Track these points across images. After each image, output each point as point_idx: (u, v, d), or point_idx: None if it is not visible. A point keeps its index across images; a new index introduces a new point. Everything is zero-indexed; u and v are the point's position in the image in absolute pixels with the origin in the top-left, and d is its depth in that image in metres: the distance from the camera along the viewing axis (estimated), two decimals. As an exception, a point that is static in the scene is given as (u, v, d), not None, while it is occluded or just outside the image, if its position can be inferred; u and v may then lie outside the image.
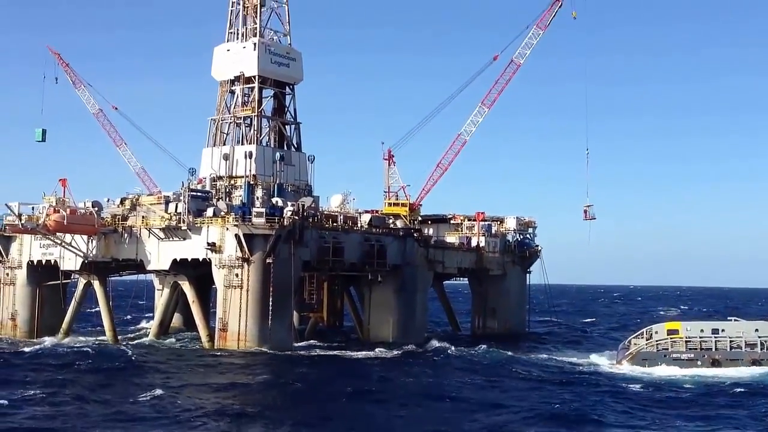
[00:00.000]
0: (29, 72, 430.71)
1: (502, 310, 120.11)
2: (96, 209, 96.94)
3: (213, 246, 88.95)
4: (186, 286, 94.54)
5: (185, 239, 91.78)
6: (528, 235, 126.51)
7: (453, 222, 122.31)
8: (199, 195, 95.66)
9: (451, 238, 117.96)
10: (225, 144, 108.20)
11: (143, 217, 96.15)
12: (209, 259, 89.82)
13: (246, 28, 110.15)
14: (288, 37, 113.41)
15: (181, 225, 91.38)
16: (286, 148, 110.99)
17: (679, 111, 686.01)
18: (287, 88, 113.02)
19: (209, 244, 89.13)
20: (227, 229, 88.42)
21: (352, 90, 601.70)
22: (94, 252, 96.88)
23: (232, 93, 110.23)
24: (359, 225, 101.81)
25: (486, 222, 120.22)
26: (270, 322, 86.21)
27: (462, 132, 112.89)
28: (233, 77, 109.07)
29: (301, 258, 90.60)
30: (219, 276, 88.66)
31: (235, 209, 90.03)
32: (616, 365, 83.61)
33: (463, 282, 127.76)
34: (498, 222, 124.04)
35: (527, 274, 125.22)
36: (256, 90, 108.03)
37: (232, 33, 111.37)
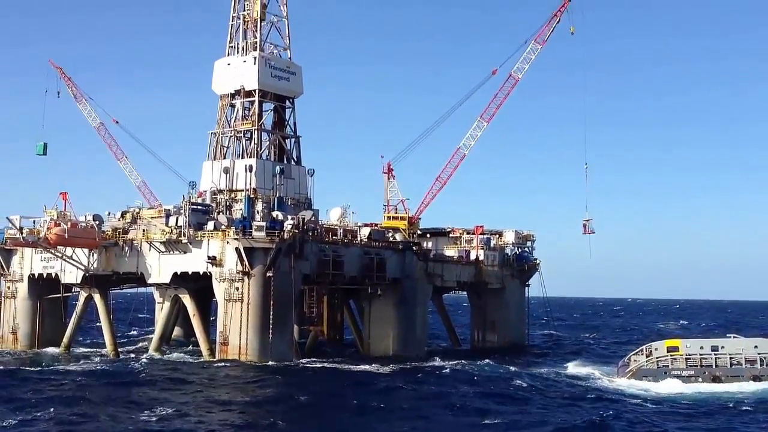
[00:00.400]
0: (31, 85, 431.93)
1: (501, 323, 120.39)
2: (97, 223, 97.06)
3: (213, 259, 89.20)
4: (186, 299, 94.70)
5: (186, 253, 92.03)
6: (527, 249, 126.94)
7: (452, 235, 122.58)
8: (200, 208, 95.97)
9: (450, 251, 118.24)
10: (225, 157, 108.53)
11: (144, 231, 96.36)
12: (210, 273, 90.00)
13: (246, 42, 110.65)
14: (288, 51, 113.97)
15: (182, 238, 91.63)
16: (286, 161, 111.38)
17: (678, 123, 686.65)
18: (287, 101, 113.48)
19: (210, 257, 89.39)
20: (228, 243, 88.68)
21: (351, 104, 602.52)
22: (94, 265, 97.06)
23: (232, 107, 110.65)
24: (359, 238, 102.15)
25: (485, 235, 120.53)
26: (271, 335, 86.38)
27: (461, 146, 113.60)
28: (233, 91, 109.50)
29: (302, 271, 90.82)
30: (219, 289, 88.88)
31: (236, 223, 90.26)
32: (616, 380, 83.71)
33: (464, 295, 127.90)
34: (497, 235, 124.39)
35: (526, 287, 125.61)
36: (256, 104, 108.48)
37: (232, 47, 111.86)
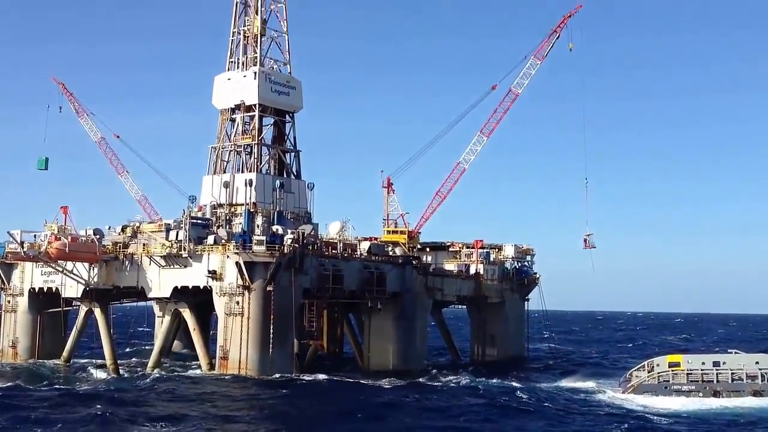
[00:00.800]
0: (32, 100, 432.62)
1: (501, 337, 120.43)
2: (97, 237, 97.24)
3: (214, 274, 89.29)
4: (187, 313, 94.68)
5: (186, 267, 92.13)
6: (526, 263, 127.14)
7: (451, 249, 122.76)
8: (200, 222, 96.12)
9: (450, 265, 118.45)
10: (225, 172, 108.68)
11: (144, 245, 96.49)
12: (210, 287, 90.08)
13: (246, 57, 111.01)
14: (288, 66, 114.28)
15: (182, 253, 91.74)
16: (285, 175, 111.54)
17: (678, 139, 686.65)
18: (287, 116, 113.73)
19: (210, 271, 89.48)
20: (228, 257, 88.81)
21: (351, 118, 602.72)
22: (95, 279, 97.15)
23: (232, 121, 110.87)
24: (359, 253, 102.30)
25: (484, 249, 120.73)
26: (271, 349, 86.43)
27: (461, 160, 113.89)
28: (234, 106, 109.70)
29: (302, 285, 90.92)
30: (220, 304, 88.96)
31: (236, 237, 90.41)
32: (617, 395, 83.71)
33: (464, 308, 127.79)
34: (496, 249, 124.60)
35: (526, 301, 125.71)
36: (256, 118, 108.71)
37: (232, 62, 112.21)
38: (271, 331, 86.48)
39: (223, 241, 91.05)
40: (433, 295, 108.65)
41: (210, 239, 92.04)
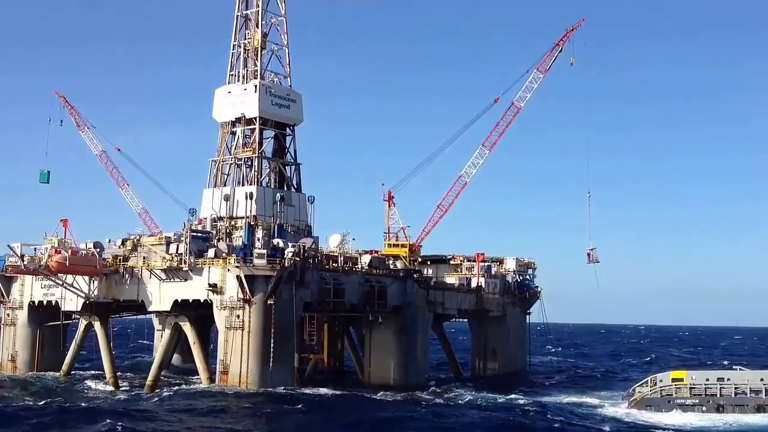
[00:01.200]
0: (33, 113, 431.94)
1: (502, 351, 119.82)
2: (97, 250, 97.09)
3: (214, 287, 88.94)
4: (187, 327, 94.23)
5: (186, 280, 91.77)
6: (527, 276, 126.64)
7: (452, 263, 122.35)
8: (200, 236, 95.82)
9: (451, 278, 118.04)
10: (226, 185, 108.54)
11: (144, 258, 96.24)
12: (210, 301, 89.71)
13: (247, 70, 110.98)
14: (288, 79, 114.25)
15: (183, 266, 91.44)
16: (286, 188, 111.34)
17: (678, 156, 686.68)
18: (287, 129, 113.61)
19: (210, 285, 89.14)
20: (228, 271, 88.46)
21: (352, 131, 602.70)
22: (95, 293, 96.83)
23: (232, 134, 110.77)
24: (359, 266, 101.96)
25: (485, 263, 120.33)
26: (271, 364, 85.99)
27: (462, 174, 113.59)
28: (234, 119, 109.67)
29: (302, 299, 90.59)
30: (220, 317, 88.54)
31: (237, 250, 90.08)
32: (619, 410, 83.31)
33: (465, 322, 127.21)
34: (497, 263, 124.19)
35: (527, 315, 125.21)
36: (256, 131, 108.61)
37: (233, 75, 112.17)
38: (272, 345, 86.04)
39: (224, 255, 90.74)
40: (434, 309, 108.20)
41: (210, 252, 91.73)
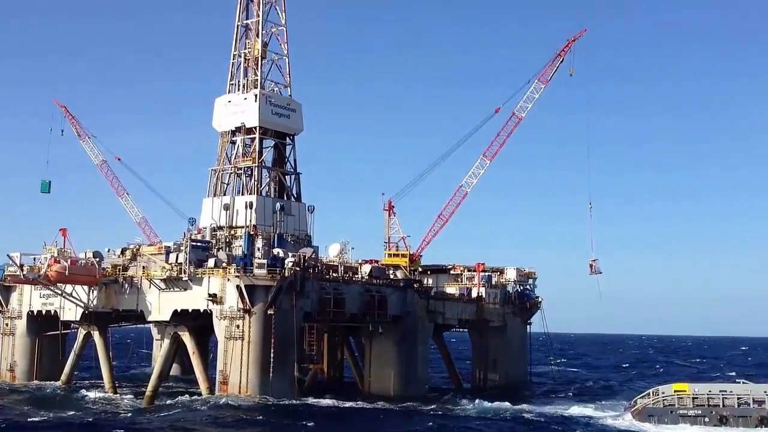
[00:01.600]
0: (33, 123, 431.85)
1: (503, 362, 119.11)
2: (97, 259, 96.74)
3: (214, 297, 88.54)
4: (186, 336, 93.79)
5: (186, 290, 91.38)
6: (528, 286, 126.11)
7: (453, 272, 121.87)
8: (200, 245, 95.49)
9: (451, 288, 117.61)
10: (225, 194, 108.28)
11: (144, 268, 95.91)
12: (210, 310, 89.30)
13: (247, 79, 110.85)
14: (288, 89, 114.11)
15: (182, 276, 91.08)
16: (286, 198, 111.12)
17: (680, 168, 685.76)
18: (287, 138, 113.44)
19: (210, 295, 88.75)
20: (228, 280, 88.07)
21: (352, 141, 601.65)
22: (94, 302, 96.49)
23: (232, 143, 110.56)
24: (359, 276, 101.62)
25: (486, 273, 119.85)
26: (271, 374, 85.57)
27: (463, 183, 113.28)
28: (234, 128, 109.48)
29: (303, 309, 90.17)
30: (220, 327, 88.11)
31: (237, 260, 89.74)
32: (620, 421, 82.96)
33: (465, 332, 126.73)
34: (498, 273, 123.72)
35: (528, 325, 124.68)
36: (256, 141, 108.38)
37: (233, 84, 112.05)
38: (272, 356, 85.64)
39: (224, 264, 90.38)
40: (435, 319, 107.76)
41: (210, 262, 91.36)
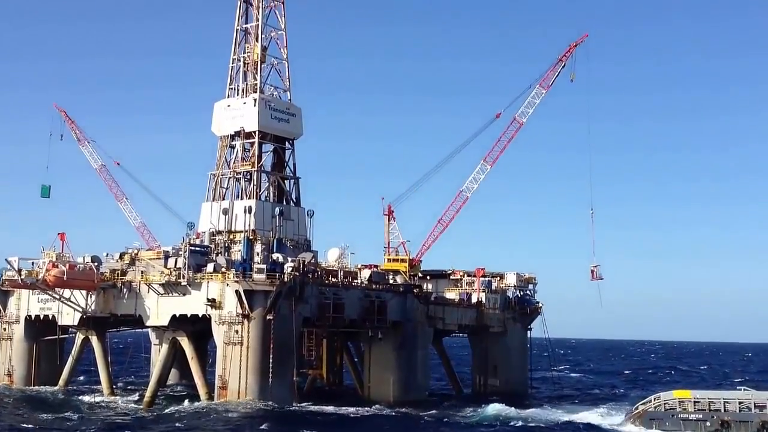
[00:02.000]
0: (32, 128, 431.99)
1: (503, 367, 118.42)
2: (95, 264, 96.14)
3: (213, 302, 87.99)
4: (185, 342, 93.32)
5: (185, 295, 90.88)
6: (528, 292, 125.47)
7: (452, 278, 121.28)
8: (199, 250, 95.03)
9: (451, 293, 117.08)
10: (224, 199, 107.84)
11: (142, 272, 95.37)
12: (209, 315, 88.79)
13: (246, 83, 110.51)
14: (288, 93, 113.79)
15: (181, 280, 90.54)
16: (285, 202, 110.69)
17: (681, 176, 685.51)
18: (287, 143, 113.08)
19: (209, 300, 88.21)
20: (227, 285, 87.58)
21: (351, 145, 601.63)
22: (92, 307, 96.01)
23: (231, 148, 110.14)
24: (359, 281, 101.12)
25: (486, 278, 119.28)
26: (270, 379, 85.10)
27: (464, 188, 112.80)
28: (233, 132, 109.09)
29: (302, 314, 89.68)
30: (219, 332, 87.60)
31: (236, 265, 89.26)
32: (621, 427, 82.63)
33: (464, 337, 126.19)
34: (498, 278, 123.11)
35: (528, 330, 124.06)
36: (256, 145, 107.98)
37: (232, 89, 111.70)
38: (271, 361, 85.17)
39: (223, 269, 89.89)
40: (435, 325, 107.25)
41: (209, 267, 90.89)
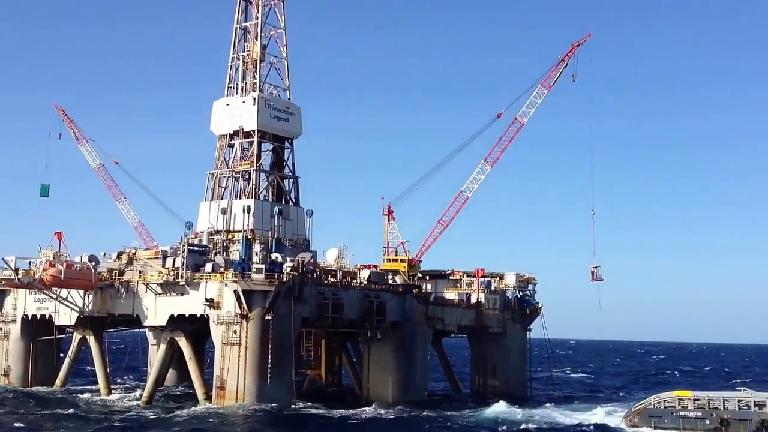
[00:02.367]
0: (29, 128, 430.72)
1: (502, 368, 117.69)
2: (93, 264, 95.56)
3: (211, 302, 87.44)
4: (183, 342, 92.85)
5: (183, 295, 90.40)
6: (528, 292, 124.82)
7: (452, 278, 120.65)
8: (197, 249, 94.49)
9: (450, 294, 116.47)
10: (223, 198, 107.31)
11: (140, 272, 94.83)
12: (207, 315, 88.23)
13: (245, 82, 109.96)
14: (287, 92, 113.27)
15: (179, 280, 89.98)
16: (284, 202, 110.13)
17: (684, 176, 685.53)
18: (286, 142, 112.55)
19: (207, 299, 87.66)
20: (226, 285, 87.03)
21: (351, 145, 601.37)
22: (90, 307, 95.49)
23: (230, 147, 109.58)
24: (358, 281, 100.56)
25: (485, 278, 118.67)
26: (269, 380, 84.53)
27: (464, 189, 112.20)
28: (232, 131, 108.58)
29: (301, 315, 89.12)
30: (217, 332, 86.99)
31: (235, 265, 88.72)
32: (620, 426, 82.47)
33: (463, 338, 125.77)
34: (497, 278, 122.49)
35: (528, 331, 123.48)
36: (255, 144, 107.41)
37: (231, 87, 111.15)
38: (269, 361, 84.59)
39: (221, 269, 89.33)
40: (434, 325, 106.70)
41: (208, 267, 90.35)
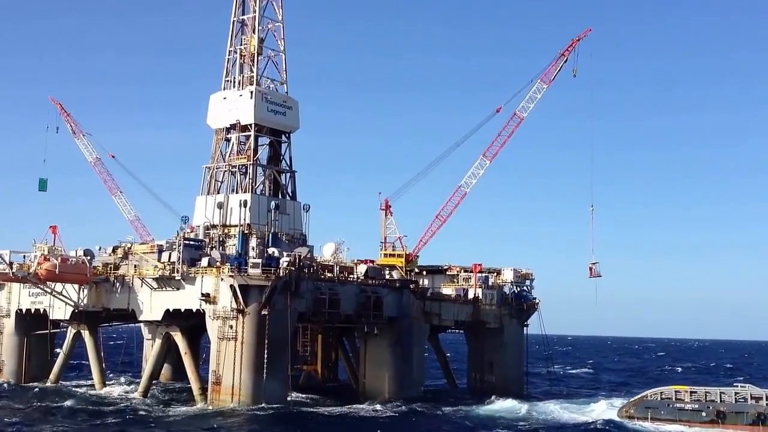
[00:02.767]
0: (25, 122, 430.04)
1: (499, 363, 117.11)
2: (88, 258, 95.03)
3: (207, 297, 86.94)
4: (178, 337, 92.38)
5: (179, 289, 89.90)
6: (525, 287, 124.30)
7: (449, 273, 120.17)
8: (193, 244, 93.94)
9: (447, 289, 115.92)
10: (219, 192, 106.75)
11: (136, 266, 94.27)
12: (203, 310, 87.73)
13: (242, 76, 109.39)
14: (285, 86, 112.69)
15: (175, 275, 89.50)
16: (281, 196, 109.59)
17: (683, 174, 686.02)
18: (283, 136, 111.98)
19: (203, 294, 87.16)
20: (222, 280, 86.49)
21: (349, 140, 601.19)
22: (84, 301, 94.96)
23: (227, 141, 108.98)
24: (355, 276, 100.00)
25: (483, 273, 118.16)
26: (265, 375, 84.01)
27: (462, 184, 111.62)
28: (229, 125, 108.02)
29: (297, 309, 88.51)
30: (213, 327, 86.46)
31: (231, 259, 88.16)
32: (615, 417, 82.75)
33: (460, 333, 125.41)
34: (495, 273, 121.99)
35: (525, 327, 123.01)
36: (251, 138, 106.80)
37: (228, 81, 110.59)
38: (266, 356, 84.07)
39: (217, 264, 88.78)
40: (431, 320, 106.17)
41: (204, 261, 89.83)
